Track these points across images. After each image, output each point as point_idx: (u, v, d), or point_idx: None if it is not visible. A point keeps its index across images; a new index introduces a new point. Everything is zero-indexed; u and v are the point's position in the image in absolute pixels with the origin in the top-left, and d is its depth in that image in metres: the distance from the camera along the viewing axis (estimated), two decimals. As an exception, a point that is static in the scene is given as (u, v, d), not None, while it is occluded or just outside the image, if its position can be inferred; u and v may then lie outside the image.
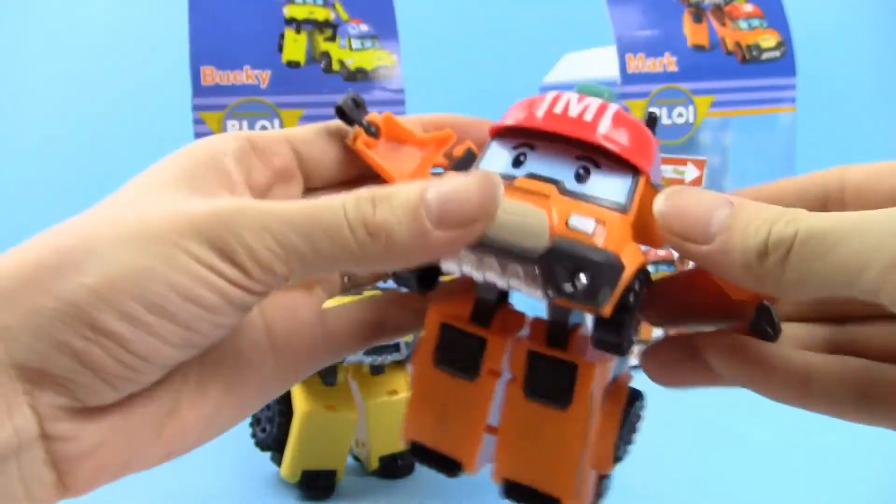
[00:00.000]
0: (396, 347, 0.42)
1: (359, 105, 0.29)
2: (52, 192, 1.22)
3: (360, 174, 0.28)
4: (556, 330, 0.26)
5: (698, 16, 0.64)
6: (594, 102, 0.27)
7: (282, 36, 0.61)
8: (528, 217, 0.24)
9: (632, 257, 0.24)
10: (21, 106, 1.22)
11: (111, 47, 1.21)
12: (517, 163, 0.26)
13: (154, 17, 1.18)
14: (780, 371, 0.25)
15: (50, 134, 1.22)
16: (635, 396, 0.28)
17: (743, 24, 0.65)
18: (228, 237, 0.21)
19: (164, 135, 1.13)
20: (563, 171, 0.26)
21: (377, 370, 0.46)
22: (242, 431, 0.48)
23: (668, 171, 0.63)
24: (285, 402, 0.44)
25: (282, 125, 0.60)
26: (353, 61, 0.62)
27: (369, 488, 0.45)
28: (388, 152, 0.29)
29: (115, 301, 0.20)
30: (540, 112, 0.26)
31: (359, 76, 0.62)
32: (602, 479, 0.28)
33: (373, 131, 0.29)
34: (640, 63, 0.62)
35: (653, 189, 0.27)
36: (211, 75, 0.59)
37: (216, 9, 0.61)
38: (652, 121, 0.30)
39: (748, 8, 0.65)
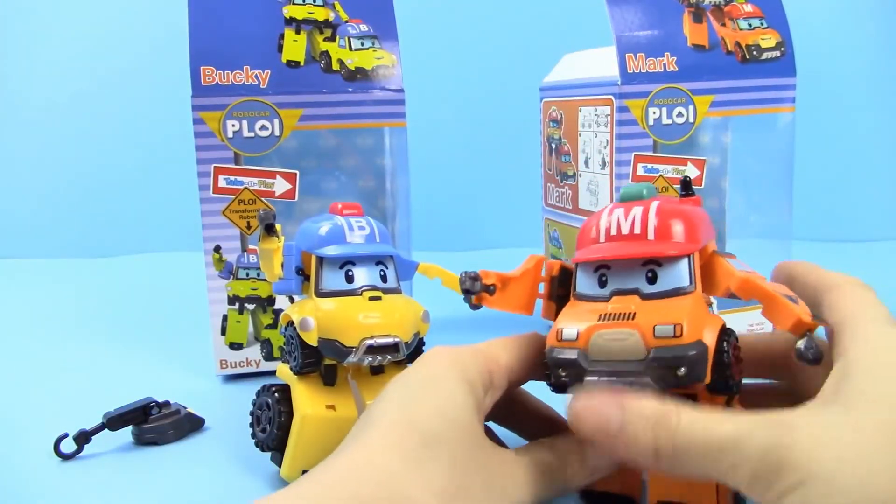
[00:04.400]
0: (396, 347, 0.42)
1: (476, 279, 0.38)
2: (53, 193, 1.22)
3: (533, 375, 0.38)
4: None
5: (698, 16, 0.64)
6: (638, 213, 0.35)
7: (282, 36, 0.61)
8: (626, 340, 0.32)
9: (712, 327, 0.32)
10: (21, 108, 1.22)
11: (111, 47, 1.21)
12: (602, 283, 0.35)
13: (154, 17, 1.18)
14: None
15: (50, 135, 1.22)
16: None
17: (743, 24, 0.65)
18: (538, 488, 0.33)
19: (165, 134, 1.14)
20: (637, 279, 0.34)
21: (377, 370, 0.46)
22: (243, 431, 0.48)
23: (668, 170, 0.63)
24: (285, 402, 0.44)
25: (282, 125, 0.60)
26: (352, 61, 0.62)
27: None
28: (500, 296, 0.38)
29: None
30: (602, 239, 0.35)
31: (359, 76, 0.62)
32: (737, 496, 0.36)
33: (492, 291, 0.38)
34: (640, 63, 0.62)
35: (708, 252, 0.35)
36: (211, 75, 0.59)
37: (216, 9, 0.61)
38: (686, 184, 0.38)
39: (748, 8, 0.65)
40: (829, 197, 1.14)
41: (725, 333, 0.33)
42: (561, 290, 0.38)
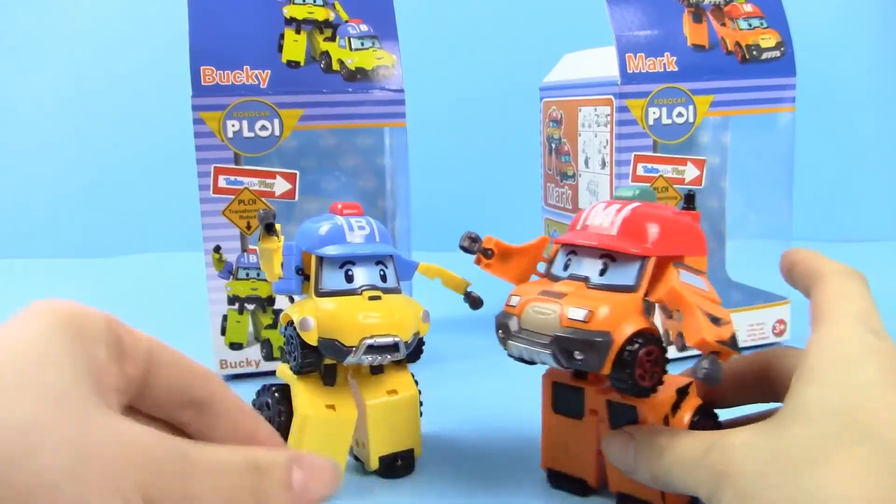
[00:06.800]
0: (396, 347, 0.42)
1: (476, 240, 0.40)
2: (53, 193, 1.22)
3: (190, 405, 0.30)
4: None
5: (698, 15, 0.64)
6: (614, 209, 0.36)
7: (282, 36, 0.61)
8: (547, 316, 0.34)
9: (632, 325, 0.33)
10: (21, 108, 1.22)
11: (111, 47, 1.21)
12: (566, 266, 0.37)
13: (154, 17, 1.18)
14: None
15: (50, 136, 1.22)
16: (700, 410, 0.38)
17: (743, 24, 0.65)
18: (157, 491, 0.22)
19: (165, 134, 1.14)
20: (592, 269, 0.36)
21: (377, 370, 0.46)
22: (242, 431, 0.48)
23: (667, 170, 0.63)
24: (285, 402, 0.44)
25: (282, 125, 0.60)
26: (352, 61, 0.62)
27: (369, 488, 0.45)
28: (501, 264, 0.40)
29: None
30: (578, 227, 0.38)
31: (359, 76, 0.62)
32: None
33: (489, 255, 0.40)
34: (639, 63, 0.62)
35: (669, 263, 0.36)
36: (211, 75, 0.59)
37: (216, 9, 0.61)
38: (689, 198, 0.39)
39: (748, 8, 0.65)
40: (829, 197, 1.14)
41: (646, 336, 0.34)
42: None
